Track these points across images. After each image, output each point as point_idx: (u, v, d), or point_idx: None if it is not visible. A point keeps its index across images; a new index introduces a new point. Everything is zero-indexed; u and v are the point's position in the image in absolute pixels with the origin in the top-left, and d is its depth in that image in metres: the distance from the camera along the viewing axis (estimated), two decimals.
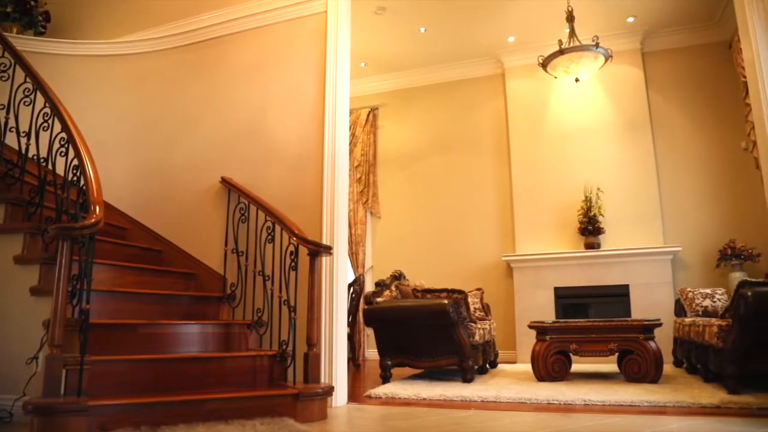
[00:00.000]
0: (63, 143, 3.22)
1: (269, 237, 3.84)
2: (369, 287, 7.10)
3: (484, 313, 5.88)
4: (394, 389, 4.13)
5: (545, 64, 5.71)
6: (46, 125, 3.40)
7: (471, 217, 7.33)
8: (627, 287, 6.33)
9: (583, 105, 6.95)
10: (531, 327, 4.88)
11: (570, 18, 5.68)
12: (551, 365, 4.60)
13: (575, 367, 5.25)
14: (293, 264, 3.52)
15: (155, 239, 4.49)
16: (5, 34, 4.24)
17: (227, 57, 4.73)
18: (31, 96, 3.56)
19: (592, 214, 6.50)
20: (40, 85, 3.45)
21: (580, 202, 6.65)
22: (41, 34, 5.58)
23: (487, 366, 5.50)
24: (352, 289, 6.45)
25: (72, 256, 2.65)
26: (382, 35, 6.87)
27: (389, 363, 4.78)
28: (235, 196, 4.24)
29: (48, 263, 3.10)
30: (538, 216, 6.90)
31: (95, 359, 2.75)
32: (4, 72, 3.75)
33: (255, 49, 4.63)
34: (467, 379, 4.55)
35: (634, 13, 6.44)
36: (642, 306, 6.19)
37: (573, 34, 5.60)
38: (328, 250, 3.59)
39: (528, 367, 5.27)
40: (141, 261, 4.14)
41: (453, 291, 4.90)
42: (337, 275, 3.85)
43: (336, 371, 3.68)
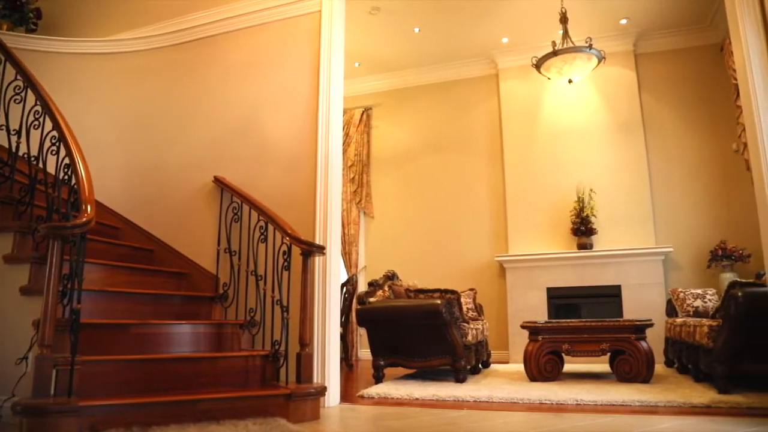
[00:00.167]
0: (54, 141, 3.19)
1: (262, 237, 3.83)
2: (362, 287, 7.10)
3: (476, 314, 5.89)
4: (386, 389, 4.13)
5: (538, 65, 5.72)
6: (36, 123, 3.38)
7: (464, 218, 7.34)
8: (619, 288, 6.36)
9: (576, 106, 6.98)
10: (523, 327, 4.89)
11: (563, 19, 5.70)
12: (543, 365, 4.61)
13: (567, 367, 5.27)
14: (286, 264, 3.51)
15: (147, 239, 4.46)
16: None
17: (220, 56, 4.71)
18: (22, 94, 3.53)
19: (584, 214, 6.52)
20: (30, 83, 3.42)
21: (572, 202, 6.68)
22: (32, 31, 5.54)
23: (480, 366, 5.50)
24: (345, 289, 6.45)
25: (63, 255, 2.62)
26: (376, 35, 6.87)
27: (382, 363, 4.77)
28: (228, 195, 4.22)
29: (38, 263, 3.07)
30: (531, 216, 6.92)
31: (86, 359, 2.73)
32: None
33: (249, 48, 4.62)
34: (460, 379, 4.55)
35: (627, 15, 6.47)
36: (634, 306, 6.22)
37: (566, 35, 5.62)
38: (321, 249, 3.59)
39: (520, 367, 5.28)
40: (133, 260, 4.11)
41: (446, 291, 4.91)
42: (330, 275, 3.84)
43: (329, 371, 3.68)
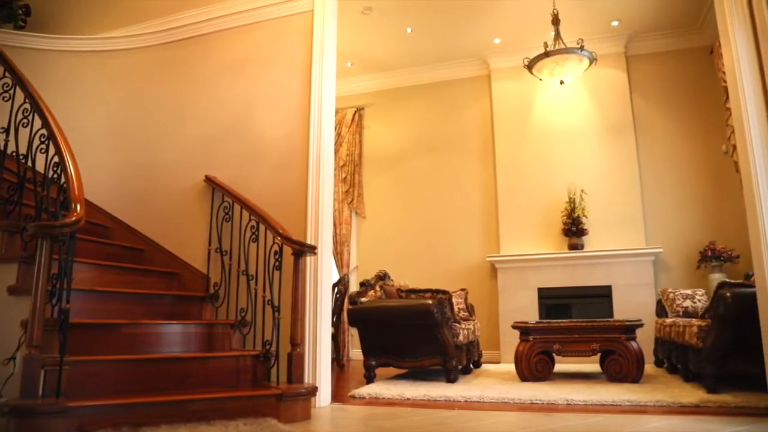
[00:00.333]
0: (43, 140, 3.16)
1: (253, 236, 3.82)
2: (353, 287, 7.09)
3: (468, 314, 5.90)
4: (378, 389, 4.13)
5: (530, 66, 5.74)
6: (25, 121, 3.34)
7: (456, 218, 7.36)
8: (609, 288, 6.40)
9: (568, 107, 7.00)
10: (515, 327, 4.91)
11: (555, 21, 5.73)
12: (534, 365, 4.63)
13: (558, 367, 5.29)
14: (277, 263, 3.50)
15: (138, 238, 4.44)
16: None
17: (212, 55, 4.69)
18: (10, 91, 3.50)
19: (575, 215, 6.55)
20: (19, 80, 3.39)
21: (564, 203, 6.70)
22: (21, 28, 5.49)
23: (471, 366, 5.51)
24: (336, 289, 6.44)
25: (52, 254, 2.60)
26: (368, 35, 6.86)
27: (373, 363, 4.77)
28: (219, 194, 4.21)
29: (27, 262, 3.05)
30: (522, 217, 6.94)
31: (75, 359, 2.71)
32: None
33: (241, 47, 4.60)
34: (451, 379, 4.56)
35: (618, 17, 6.51)
36: (624, 306, 6.26)
37: (558, 36, 5.64)
38: (312, 249, 3.58)
39: (512, 367, 5.30)
40: (123, 260, 4.08)
41: (437, 291, 4.91)
42: (322, 275, 3.83)
43: (320, 371, 3.67)
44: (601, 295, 6.42)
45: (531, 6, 6.23)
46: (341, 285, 6.58)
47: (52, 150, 3.05)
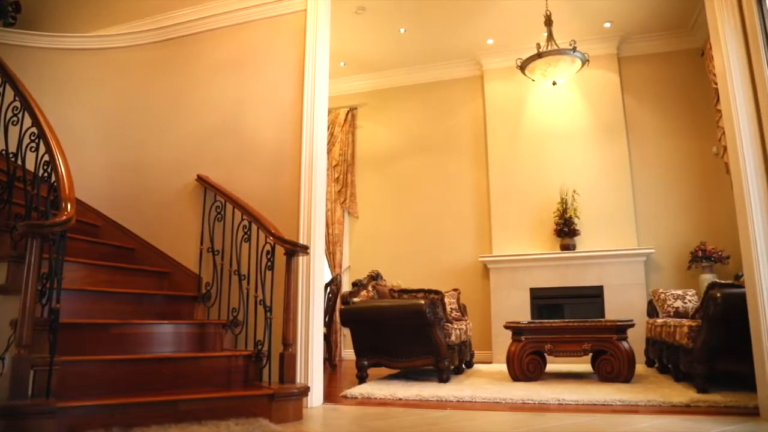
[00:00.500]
0: (33, 138, 3.14)
1: (245, 236, 3.80)
2: (346, 287, 7.09)
3: (460, 314, 5.91)
4: (370, 389, 4.13)
5: (523, 66, 5.76)
6: (15, 119, 3.32)
7: (448, 218, 7.37)
8: (601, 288, 6.43)
9: (560, 108, 7.03)
10: (507, 327, 4.92)
11: (548, 22, 5.74)
12: (526, 365, 4.64)
13: (550, 367, 5.31)
14: (269, 263, 3.49)
15: (129, 237, 4.41)
16: None
17: (205, 54, 4.67)
18: (0, 89, 3.46)
19: (567, 215, 6.58)
20: (9, 78, 3.36)
21: (556, 203, 6.73)
22: (11, 25, 5.45)
23: (463, 366, 5.52)
24: (329, 289, 6.43)
25: (42, 254, 2.58)
26: (361, 35, 6.86)
27: (365, 363, 4.77)
28: (211, 194, 4.19)
29: (16, 261, 3.02)
30: (514, 217, 6.96)
31: (65, 360, 2.69)
32: None
33: (233, 47, 4.58)
34: (443, 379, 4.56)
35: (610, 19, 6.54)
36: (615, 307, 6.29)
37: (551, 37, 5.66)
38: (304, 249, 3.57)
39: (503, 367, 5.31)
40: (114, 259, 4.06)
41: (430, 291, 4.91)
42: (314, 275, 3.83)
43: (312, 371, 3.67)
44: (593, 296, 6.45)
45: (524, 7, 6.25)
46: (334, 285, 6.57)
47: (42, 148, 3.03)
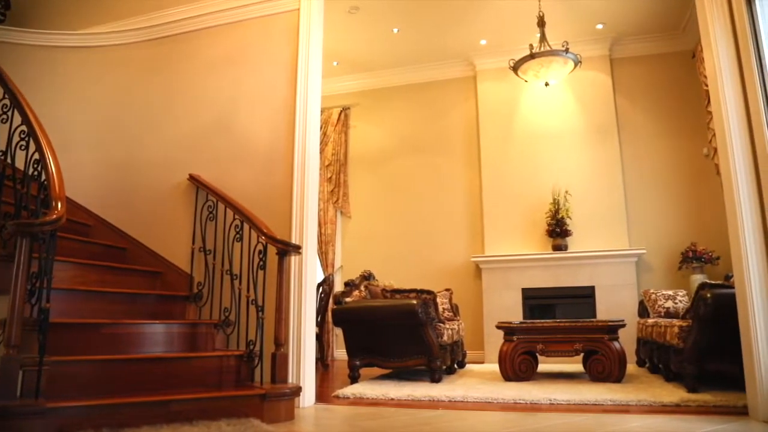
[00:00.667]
0: (23, 136, 3.11)
1: (237, 236, 3.79)
2: (338, 287, 7.08)
3: (452, 314, 5.91)
4: (362, 389, 4.13)
5: (516, 67, 5.78)
6: (5, 117, 3.29)
7: (441, 218, 7.37)
8: (593, 288, 6.45)
9: (553, 109, 7.05)
10: (499, 327, 4.93)
11: (541, 23, 5.76)
12: (518, 365, 4.65)
13: (542, 367, 5.32)
14: (261, 263, 3.48)
15: (120, 237, 4.39)
16: None
17: (197, 52, 4.65)
18: None
19: (560, 216, 6.60)
20: None
21: (548, 204, 6.75)
22: (0, 22, 5.40)
23: (455, 366, 5.53)
24: (321, 289, 6.42)
25: (31, 253, 2.56)
26: (354, 35, 6.85)
27: (358, 363, 4.76)
28: (203, 193, 4.17)
29: (5, 260, 2.98)
30: (507, 217, 6.97)
31: (55, 360, 2.67)
32: None
33: (226, 46, 4.57)
34: (435, 379, 4.57)
35: (603, 20, 6.57)
36: (607, 307, 6.32)
37: (543, 38, 5.68)
38: (297, 249, 3.57)
39: (495, 367, 5.32)
40: (105, 259, 4.04)
41: (422, 291, 4.91)
42: (306, 275, 3.82)
43: (304, 371, 3.66)
44: (585, 296, 6.48)
45: (517, 8, 6.27)
46: (326, 285, 6.56)
47: (32, 147, 3.00)
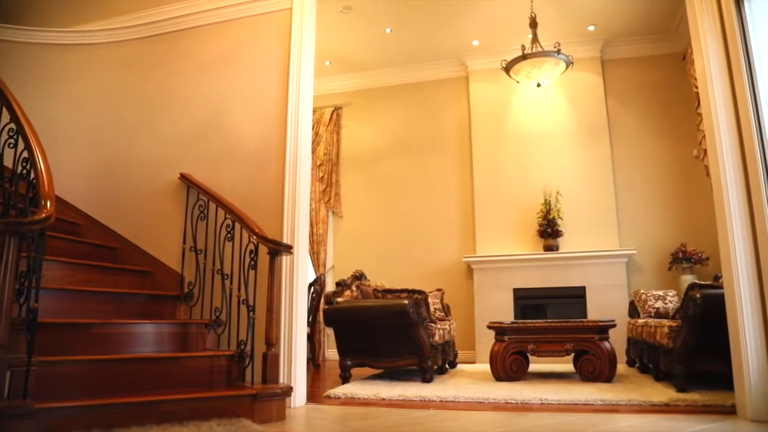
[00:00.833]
0: (12, 134, 3.09)
1: (229, 235, 3.78)
2: (330, 287, 7.06)
3: (444, 314, 5.92)
4: (353, 389, 4.12)
5: (508, 68, 5.79)
6: None
7: (432, 218, 7.38)
8: (583, 289, 6.48)
9: (544, 110, 7.08)
10: (490, 327, 4.94)
11: (533, 24, 5.78)
12: (509, 365, 4.67)
13: (533, 367, 5.34)
14: (253, 263, 3.47)
15: (110, 236, 4.36)
16: None
17: (189, 51, 4.63)
18: None
19: (551, 217, 6.63)
20: None
21: (539, 204, 6.77)
22: None
23: (447, 366, 5.54)
24: (312, 289, 6.41)
25: (20, 252, 2.53)
26: (347, 35, 6.84)
27: (349, 363, 4.76)
28: (195, 193, 4.15)
29: None
30: (498, 218, 6.99)
31: (43, 360, 2.64)
32: None
33: (218, 44, 4.55)
34: (427, 379, 4.57)
35: (594, 22, 6.60)
36: (598, 307, 6.35)
37: (536, 39, 5.70)
38: (288, 249, 3.56)
39: (487, 367, 5.33)
40: (95, 258, 4.01)
41: (413, 291, 4.91)
42: (298, 275, 3.81)
43: (295, 371, 3.65)
44: (576, 296, 6.50)
45: (509, 9, 6.28)
46: (317, 285, 6.55)
47: (21, 145, 2.98)
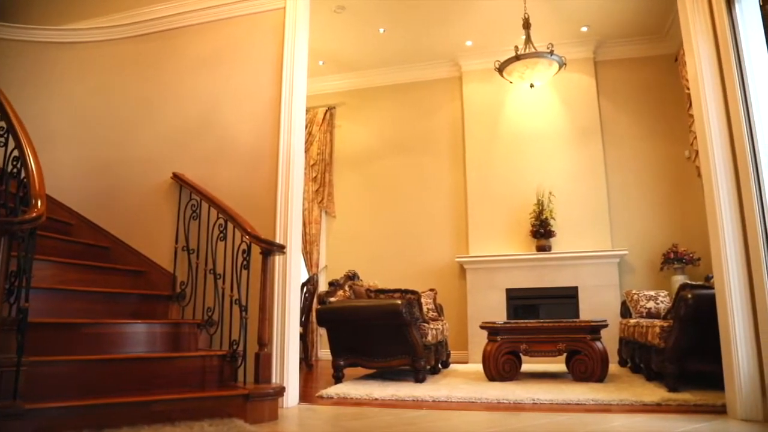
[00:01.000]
0: (2, 132, 3.07)
1: (221, 235, 3.76)
2: (323, 287, 7.06)
3: (436, 314, 5.93)
4: (346, 389, 4.12)
5: (501, 69, 5.80)
6: None
7: (425, 218, 7.39)
8: (576, 289, 6.51)
9: (537, 110, 7.10)
10: (482, 327, 4.95)
11: (526, 25, 5.79)
12: (502, 365, 4.68)
13: (525, 367, 5.35)
14: (245, 263, 3.46)
15: (102, 236, 4.33)
16: None
17: (182, 50, 4.61)
18: None
19: (543, 217, 6.65)
20: None
21: (532, 205, 6.79)
22: None
23: (440, 366, 5.54)
24: (305, 289, 6.40)
25: (10, 251, 2.52)
26: (341, 34, 6.84)
27: (342, 363, 4.75)
28: (187, 192, 4.13)
29: None
30: (491, 218, 7.01)
31: (34, 360, 2.62)
32: None
33: (211, 43, 4.53)
34: (419, 379, 4.57)
35: (587, 23, 6.63)
36: (590, 307, 6.37)
37: (529, 40, 5.71)
38: (281, 248, 3.55)
39: (479, 367, 5.35)
40: (87, 258, 3.98)
41: (406, 291, 4.92)
42: (290, 274, 3.80)
43: (288, 371, 3.64)
44: (568, 296, 6.53)
45: (503, 10, 6.30)
46: (310, 284, 6.54)
47: (11, 143, 2.96)
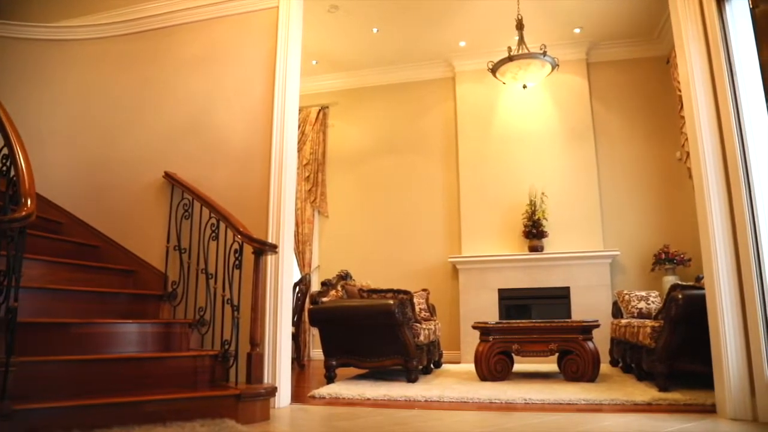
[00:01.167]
0: None
1: (213, 234, 3.75)
2: (315, 287, 7.05)
3: (429, 314, 5.93)
4: (338, 389, 4.12)
5: (494, 69, 5.81)
6: None
7: (418, 218, 7.39)
8: (568, 289, 6.53)
9: (530, 111, 7.12)
10: (475, 327, 4.96)
11: (519, 26, 5.81)
12: (494, 365, 4.69)
13: (517, 367, 5.37)
14: (237, 262, 3.45)
15: (93, 235, 4.30)
16: None
17: (175, 48, 4.58)
18: None
19: (536, 217, 6.67)
20: None
21: (525, 205, 6.81)
22: None
23: (432, 366, 5.54)
24: (297, 289, 6.39)
25: None
26: (334, 34, 6.83)
27: (334, 363, 4.75)
28: (179, 191, 4.12)
29: None
30: (484, 218, 7.02)
31: (23, 360, 2.60)
32: None
33: (203, 42, 4.51)
34: (411, 379, 4.57)
35: (580, 25, 6.66)
36: (582, 307, 6.40)
37: (522, 41, 5.73)
38: (273, 248, 3.54)
39: (472, 367, 5.35)
40: (78, 257, 3.96)
41: (399, 291, 4.92)
42: (283, 274, 3.79)
43: (280, 371, 3.63)
44: (560, 296, 6.55)
45: (496, 11, 6.31)
46: (303, 284, 6.53)
47: (0, 141, 2.93)
